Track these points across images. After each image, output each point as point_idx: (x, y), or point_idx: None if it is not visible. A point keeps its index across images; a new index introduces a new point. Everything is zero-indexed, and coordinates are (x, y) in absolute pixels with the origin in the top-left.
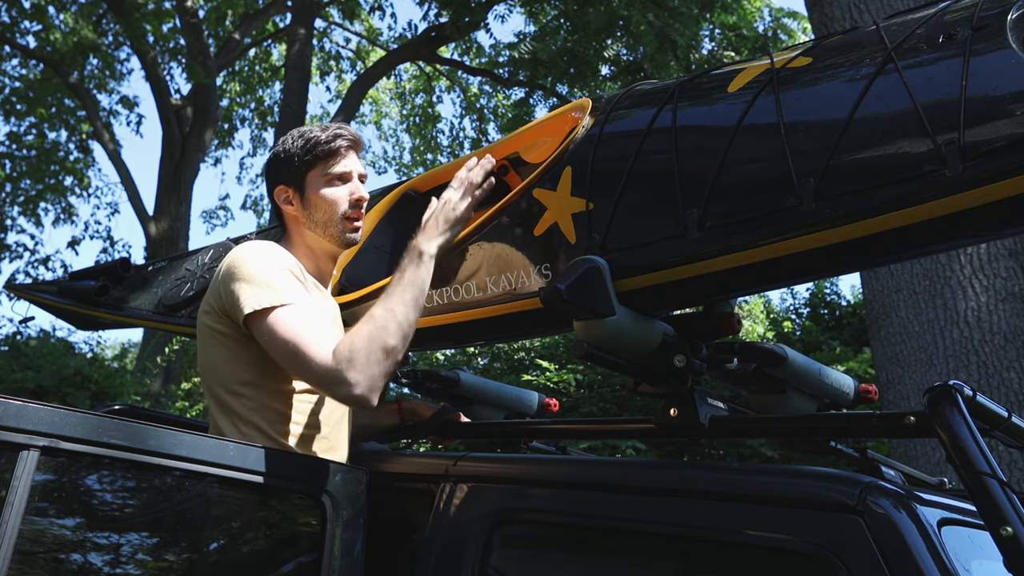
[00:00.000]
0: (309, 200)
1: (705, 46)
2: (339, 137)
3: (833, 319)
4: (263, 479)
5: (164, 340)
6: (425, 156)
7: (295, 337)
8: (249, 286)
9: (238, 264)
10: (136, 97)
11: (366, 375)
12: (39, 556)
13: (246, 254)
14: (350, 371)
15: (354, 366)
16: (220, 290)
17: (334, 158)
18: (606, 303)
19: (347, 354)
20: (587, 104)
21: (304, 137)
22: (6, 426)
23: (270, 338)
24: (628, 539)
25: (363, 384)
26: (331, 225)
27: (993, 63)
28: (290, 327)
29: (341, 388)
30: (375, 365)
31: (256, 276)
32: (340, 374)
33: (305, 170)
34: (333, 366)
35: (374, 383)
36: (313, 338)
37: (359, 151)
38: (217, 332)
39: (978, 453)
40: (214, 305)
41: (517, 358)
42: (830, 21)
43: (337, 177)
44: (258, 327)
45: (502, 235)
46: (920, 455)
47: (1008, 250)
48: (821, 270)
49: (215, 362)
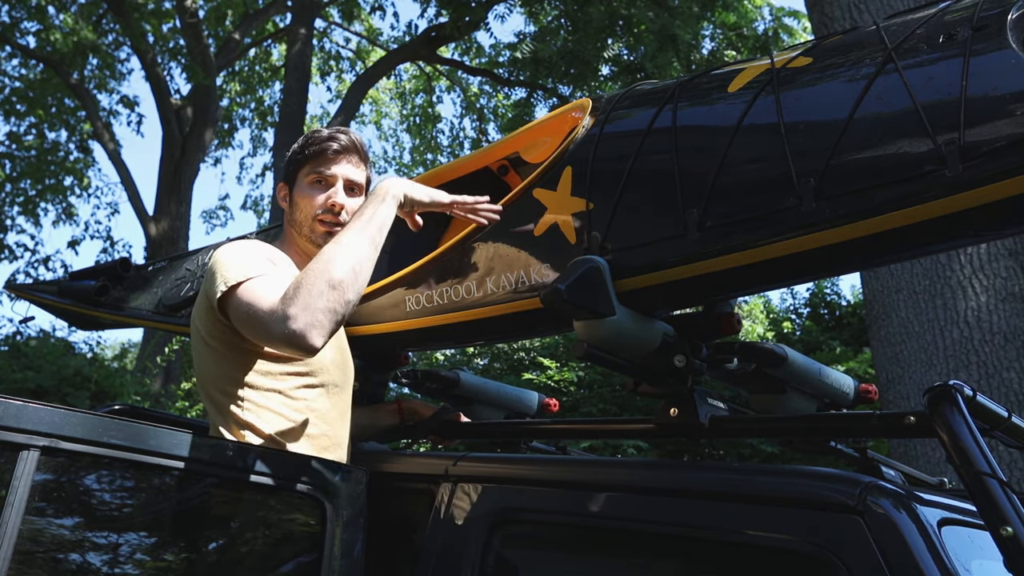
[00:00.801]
0: (293, 198)
1: (705, 45)
2: (332, 140)
3: (833, 319)
4: (263, 479)
5: (164, 340)
6: (425, 156)
7: (252, 299)
8: (219, 275)
9: (214, 261)
10: (136, 97)
11: (307, 309)
12: (39, 556)
13: (222, 250)
14: (290, 306)
15: (295, 300)
16: (204, 290)
17: (322, 160)
18: (606, 303)
19: (290, 291)
20: (587, 104)
21: (307, 136)
22: (6, 426)
23: (235, 311)
24: (628, 539)
25: (302, 319)
26: (304, 225)
27: (993, 63)
28: (250, 292)
29: (280, 326)
30: (317, 298)
31: (227, 265)
32: (281, 311)
33: (296, 169)
34: (277, 306)
35: (314, 318)
36: (267, 292)
37: (358, 157)
38: (207, 335)
39: (978, 453)
40: (202, 305)
41: (517, 358)
42: (830, 21)
43: (320, 179)
44: (228, 307)
45: (502, 235)
46: (920, 455)
47: (1008, 250)
48: (821, 270)
49: (208, 365)
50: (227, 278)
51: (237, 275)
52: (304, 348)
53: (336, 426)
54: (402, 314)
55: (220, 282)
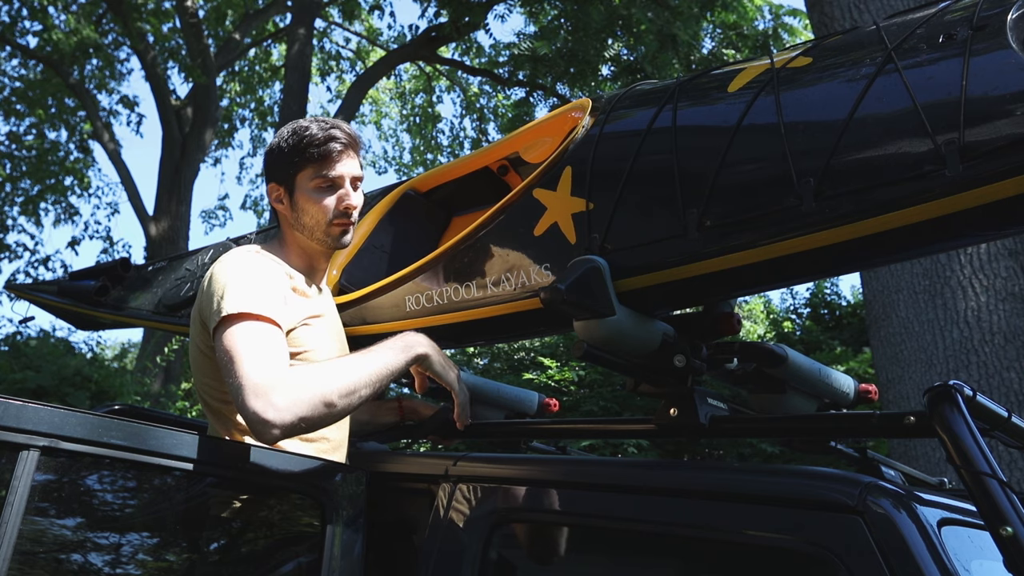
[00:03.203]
0: (297, 203)
1: (705, 45)
2: (333, 139)
3: (833, 319)
4: (263, 479)
5: (164, 340)
6: (425, 156)
7: (241, 350)
8: (217, 297)
9: (214, 276)
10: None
11: (290, 410)
12: (39, 556)
13: (223, 266)
14: (275, 395)
15: (284, 393)
16: (201, 302)
17: (326, 161)
18: (606, 303)
19: (284, 379)
20: (587, 104)
21: (298, 135)
22: (6, 426)
23: (219, 346)
24: (628, 539)
25: (280, 415)
26: (317, 230)
27: (993, 63)
28: (242, 341)
29: (253, 403)
30: (305, 405)
31: (229, 287)
32: (263, 389)
33: (295, 172)
34: (263, 380)
35: (292, 420)
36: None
37: (356, 151)
38: (203, 343)
39: (978, 453)
40: (197, 321)
41: (517, 358)
42: (830, 21)
43: (327, 182)
44: (216, 335)
45: (502, 235)
46: (920, 455)
47: (1008, 250)
48: (821, 270)
49: (205, 371)
50: (223, 306)
51: (235, 305)
52: (262, 438)
53: (334, 430)
54: (402, 314)
55: (216, 307)
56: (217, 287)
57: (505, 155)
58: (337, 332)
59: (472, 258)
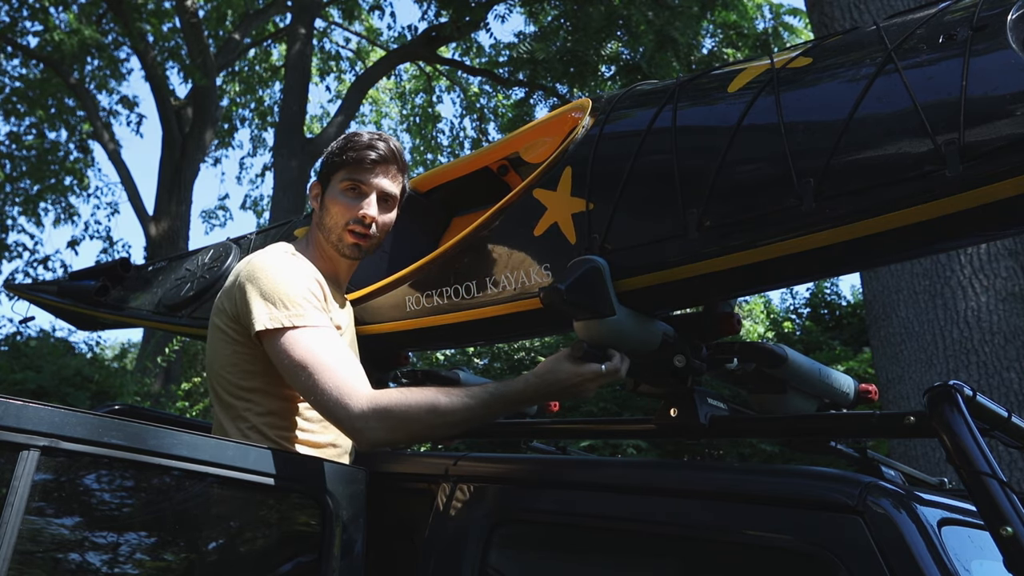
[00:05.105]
0: (325, 202)
1: (705, 44)
2: (372, 148)
3: (833, 319)
4: (263, 479)
5: (164, 340)
6: (425, 156)
7: (313, 363)
8: (265, 301)
9: (258, 274)
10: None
11: (398, 429)
12: (39, 556)
13: (267, 264)
14: (383, 416)
15: (393, 413)
16: (236, 296)
17: (359, 167)
18: (606, 303)
19: (393, 399)
20: (587, 104)
21: (346, 139)
22: (6, 426)
23: (285, 359)
24: (628, 539)
25: (389, 432)
26: (332, 232)
27: (993, 63)
28: (307, 351)
29: (357, 421)
30: (401, 432)
31: (274, 291)
32: (369, 411)
33: (331, 172)
34: (363, 400)
35: (395, 435)
36: (337, 368)
37: (396, 169)
38: (228, 335)
39: (978, 453)
40: (227, 309)
41: (517, 358)
42: (830, 21)
43: (354, 187)
44: (271, 345)
45: (502, 235)
46: (920, 455)
47: (1008, 250)
48: (821, 270)
49: (223, 364)
50: (275, 315)
51: (286, 317)
52: (363, 444)
53: (343, 437)
54: (402, 314)
55: (264, 313)
56: (263, 287)
57: (505, 155)
58: (354, 348)
59: (472, 258)
